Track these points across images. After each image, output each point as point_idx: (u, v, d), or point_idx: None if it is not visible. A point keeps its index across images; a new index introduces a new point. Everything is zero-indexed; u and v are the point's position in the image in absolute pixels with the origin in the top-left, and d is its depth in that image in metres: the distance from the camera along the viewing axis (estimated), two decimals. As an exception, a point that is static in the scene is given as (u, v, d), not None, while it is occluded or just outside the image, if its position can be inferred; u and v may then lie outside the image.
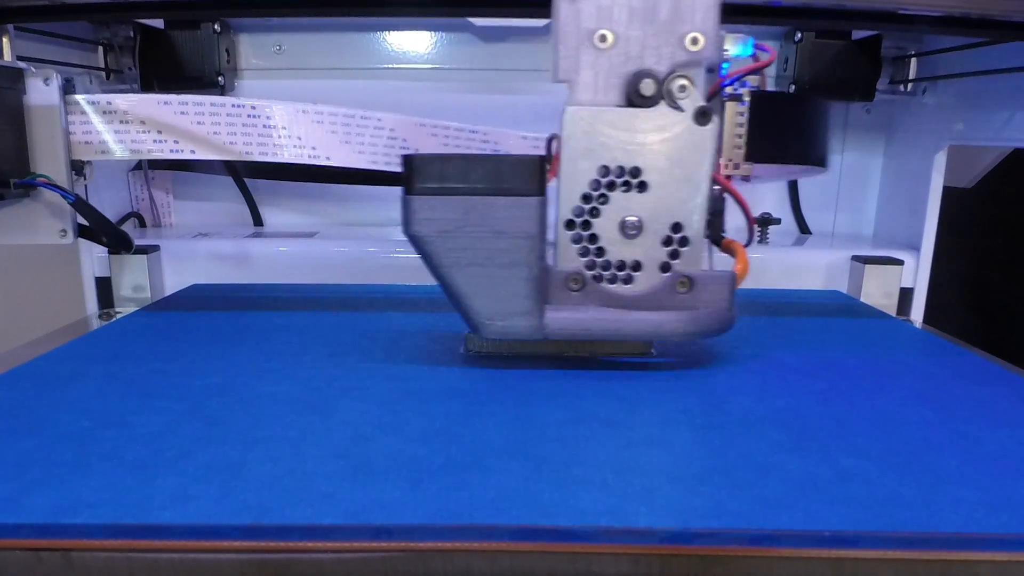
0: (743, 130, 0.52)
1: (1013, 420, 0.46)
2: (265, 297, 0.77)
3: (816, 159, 0.65)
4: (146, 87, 0.90)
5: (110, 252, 0.80)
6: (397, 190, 0.50)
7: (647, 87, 0.49)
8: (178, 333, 0.63)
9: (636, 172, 0.50)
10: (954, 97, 0.87)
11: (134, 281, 0.82)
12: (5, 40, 0.68)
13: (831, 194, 1.03)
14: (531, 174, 0.48)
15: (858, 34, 0.93)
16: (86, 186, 0.72)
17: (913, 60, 0.92)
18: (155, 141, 0.70)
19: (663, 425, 0.44)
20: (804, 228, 1.02)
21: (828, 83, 0.94)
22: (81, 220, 0.71)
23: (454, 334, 0.61)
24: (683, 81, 0.49)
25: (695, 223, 0.51)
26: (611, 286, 0.52)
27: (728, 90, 0.52)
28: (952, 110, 0.87)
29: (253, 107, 0.71)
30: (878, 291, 0.85)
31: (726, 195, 0.54)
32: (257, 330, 0.64)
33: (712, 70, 0.51)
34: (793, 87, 0.94)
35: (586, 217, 0.51)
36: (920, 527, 0.34)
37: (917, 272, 0.88)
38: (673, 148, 0.50)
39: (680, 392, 0.50)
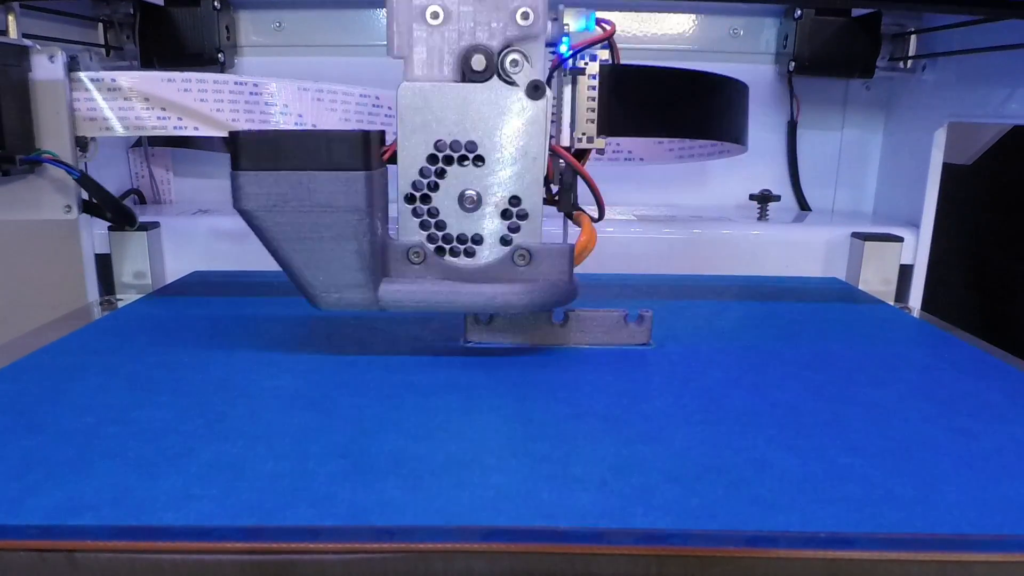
0: (595, 103, 0.52)
1: (1008, 415, 0.46)
2: (264, 284, 0.77)
3: (683, 131, 0.65)
4: (146, 64, 0.90)
5: (113, 228, 0.80)
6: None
7: (479, 62, 0.49)
8: (179, 324, 0.64)
9: (472, 147, 0.51)
10: (953, 74, 0.87)
11: (134, 259, 0.82)
12: (11, 18, 0.68)
13: (831, 171, 1.03)
14: (354, 149, 0.48)
15: (857, 11, 0.93)
16: (86, 163, 0.72)
17: (912, 37, 0.92)
18: (159, 118, 0.70)
19: (660, 421, 0.45)
20: (804, 205, 1.03)
21: (828, 60, 0.94)
22: (85, 196, 0.72)
23: (453, 324, 0.61)
24: (515, 56, 0.49)
25: (533, 196, 0.51)
26: (453, 259, 0.53)
27: (573, 64, 0.52)
28: (951, 87, 0.87)
29: (255, 84, 0.71)
30: (877, 268, 0.85)
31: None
32: (257, 320, 0.64)
33: (553, 44, 0.51)
34: (792, 64, 0.94)
35: (425, 191, 0.51)
36: (915, 528, 0.34)
37: (917, 249, 0.88)
38: (507, 122, 0.50)
39: (677, 386, 0.50)
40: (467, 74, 0.49)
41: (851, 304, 0.74)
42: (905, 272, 0.88)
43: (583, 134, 0.52)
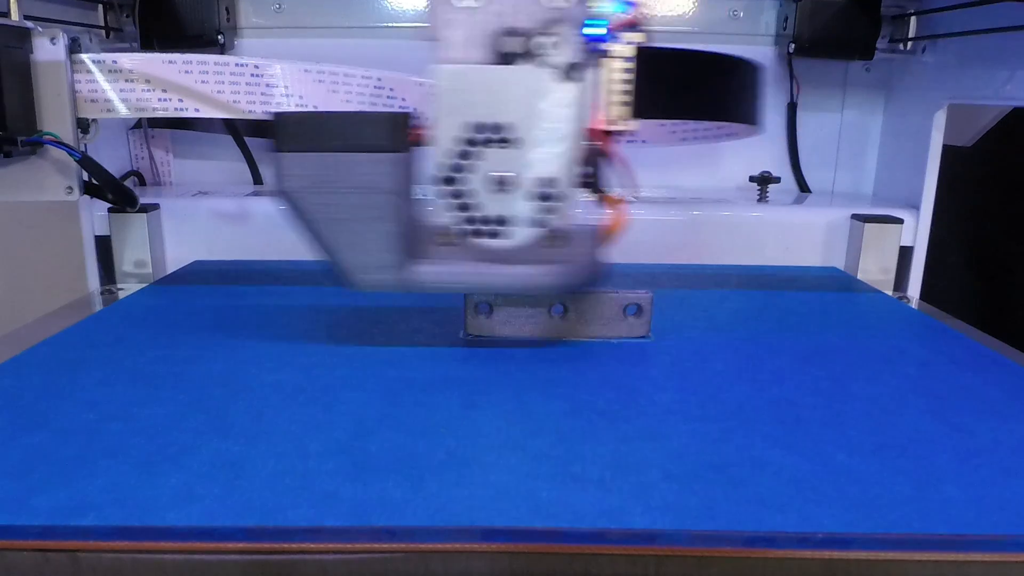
0: (626, 86, 0.52)
1: (1005, 411, 0.47)
2: (265, 272, 0.77)
3: (714, 113, 0.65)
4: (146, 46, 0.90)
5: (113, 210, 0.80)
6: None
7: (515, 44, 0.49)
8: (180, 315, 0.64)
9: (507, 128, 0.51)
10: (954, 56, 0.87)
11: (134, 240, 0.82)
12: (12, 0, 0.68)
13: (831, 153, 1.03)
14: (389, 131, 0.49)
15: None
16: (86, 145, 0.72)
17: (913, 19, 0.92)
18: (160, 99, 0.70)
19: (659, 417, 0.45)
20: (804, 187, 1.03)
21: (828, 42, 0.94)
22: (86, 177, 0.72)
23: (452, 315, 0.61)
24: (551, 38, 0.49)
25: (565, 178, 0.52)
26: (484, 240, 0.53)
27: (605, 46, 0.52)
28: (952, 69, 0.87)
29: (256, 66, 0.71)
30: (877, 249, 0.86)
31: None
32: (258, 312, 0.65)
33: (586, 26, 0.51)
34: (792, 46, 0.94)
35: (459, 173, 0.52)
36: (911, 528, 0.34)
37: (917, 230, 0.88)
38: (542, 105, 0.50)
39: (676, 380, 0.51)
40: (503, 56, 0.49)
41: (850, 294, 0.74)
42: (905, 254, 0.88)
43: (615, 116, 0.53)
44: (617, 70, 0.52)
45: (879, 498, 0.36)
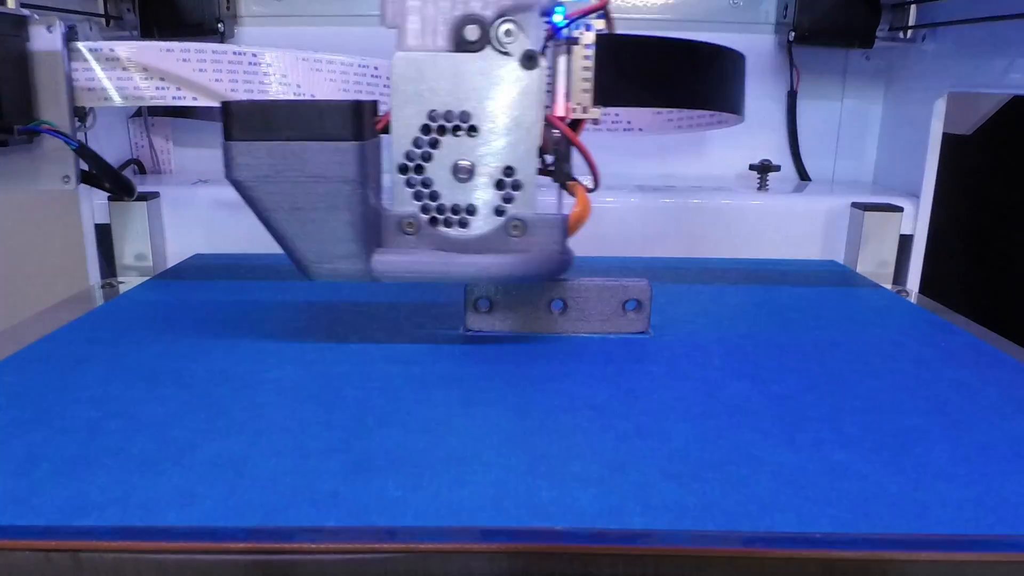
0: (589, 73, 0.52)
1: (1004, 409, 0.47)
2: (265, 267, 0.77)
3: (680, 101, 0.65)
4: (146, 34, 0.90)
5: (113, 198, 0.80)
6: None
7: (472, 32, 0.49)
8: (181, 310, 0.64)
9: (466, 117, 0.51)
10: (954, 44, 0.87)
11: (134, 229, 0.82)
12: (9, -13, 0.68)
13: (831, 141, 1.03)
14: (345, 119, 0.49)
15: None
16: (86, 133, 0.72)
17: (913, 7, 0.92)
18: (157, 88, 0.70)
19: (658, 414, 0.45)
20: (804, 175, 1.02)
21: (828, 30, 0.93)
22: (84, 166, 0.72)
23: (452, 311, 0.61)
24: (509, 26, 0.49)
25: (527, 166, 0.52)
26: (446, 230, 0.53)
27: (568, 33, 0.52)
28: (951, 57, 0.87)
29: (254, 55, 0.71)
30: (877, 237, 0.86)
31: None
32: (258, 307, 0.65)
33: (548, 14, 0.51)
34: (792, 34, 0.93)
35: (418, 161, 0.52)
36: (909, 528, 0.34)
37: (917, 219, 0.88)
38: (501, 93, 0.50)
39: (675, 377, 0.51)
40: (461, 44, 0.49)
41: (849, 288, 0.75)
42: (905, 242, 0.88)
43: (578, 104, 0.52)
44: (579, 57, 0.52)
45: (877, 498, 0.36)
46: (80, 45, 0.68)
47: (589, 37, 0.51)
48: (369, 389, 0.48)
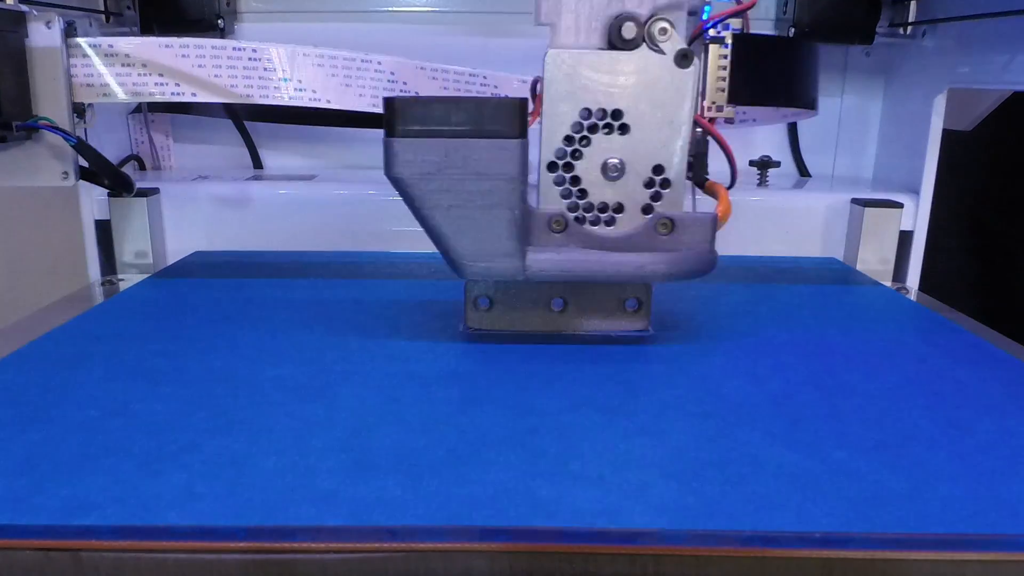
0: (726, 73, 0.52)
1: (1004, 408, 0.47)
2: (265, 264, 0.77)
3: (803, 101, 0.65)
4: (146, 30, 0.89)
5: (111, 195, 0.80)
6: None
7: (628, 30, 0.49)
8: (181, 308, 0.64)
9: (617, 115, 0.51)
10: (954, 40, 0.87)
11: (134, 225, 0.82)
12: (8, -18, 0.68)
13: (831, 137, 1.03)
14: (511, 117, 0.48)
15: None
16: (85, 129, 0.72)
17: (913, 3, 0.92)
18: (156, 84, 0.70)
19: (658, 413, 0.45)
20: (804, 171, 1.02)
21: (827, 26, 0.93)
22: (83, 162, 0.72)
23: (453, 309, 0.61)
24: (663, 24, 0.49)
25: (676, 165, 0.52)
26: (593, 228, 0.53)
27: (710, 32, 0.52)
28: (952, 53, 0.87)
29: (254, 50, 0.71)
30: (877, 233, 0.85)
31: (709, 138, 0.54)
32: (259, 304, 0.65)
33: (693, 13, 0.51)
34: (792, 30, 0.93)
35: (568, 159, 0.52)
36: (909, 527, 0.34)
37: (917, 215, 0.88)
38: (654, 91, 0.50)
39: (675, 375, 0.51)
40: (614, 42, 0.49)
41: (849, 287, 0.75)
42: (905, 238, 0.88)
43: (713, 103, 0.53)
44: (716, 56, 0.52)
45: (877, 497, 0.36)
46: (80, 41, 0.68)
47: (728, 36, 0.52)
48: (369, 387, 0.48)
